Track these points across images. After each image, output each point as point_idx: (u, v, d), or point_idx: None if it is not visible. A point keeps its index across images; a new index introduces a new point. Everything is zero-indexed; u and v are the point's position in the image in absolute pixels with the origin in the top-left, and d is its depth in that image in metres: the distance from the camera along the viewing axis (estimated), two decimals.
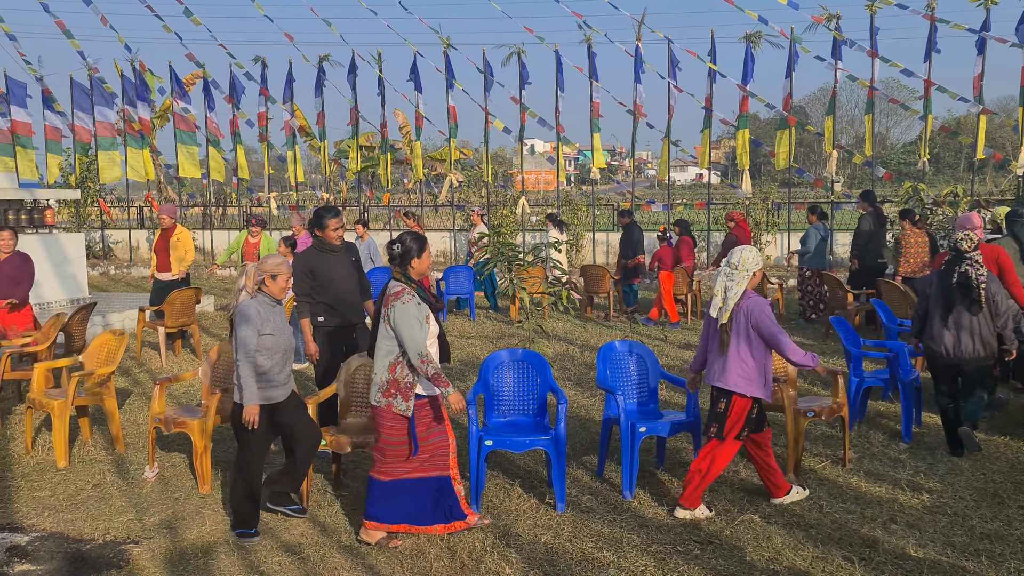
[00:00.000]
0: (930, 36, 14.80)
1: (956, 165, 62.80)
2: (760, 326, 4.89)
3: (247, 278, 4.88)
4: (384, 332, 4.64)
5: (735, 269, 5.01)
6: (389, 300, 4.61)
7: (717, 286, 5.08)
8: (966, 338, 5.98)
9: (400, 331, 4.52)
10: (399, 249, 4.71)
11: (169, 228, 10.26)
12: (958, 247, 6.09)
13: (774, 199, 18.72)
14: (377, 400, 4.65)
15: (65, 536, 4.89)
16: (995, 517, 4.96)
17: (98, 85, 19.27)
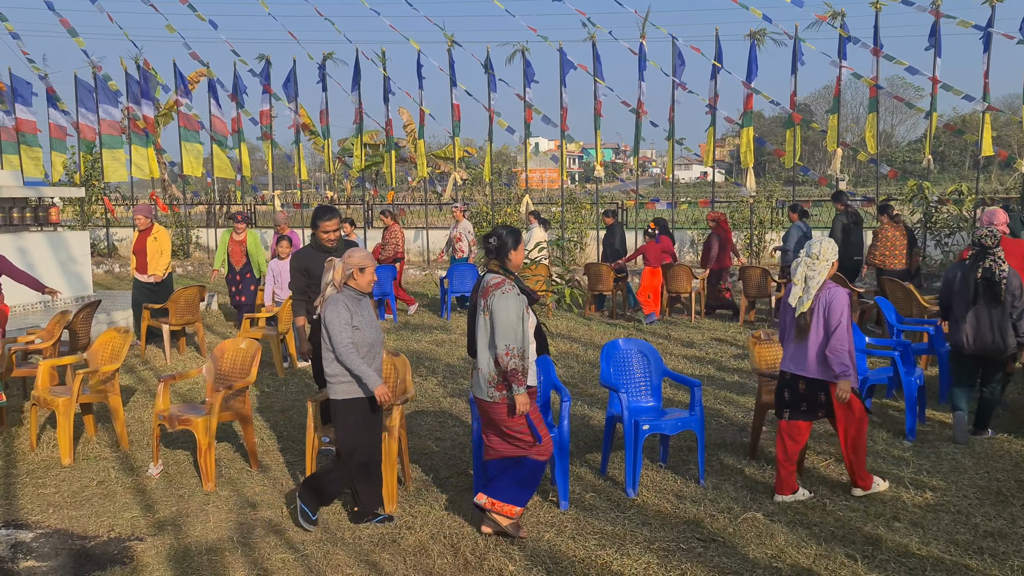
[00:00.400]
0: (935, 33, 14.75)
1: (961, 163, 62.64)
2: (830, 313, 5.00)
3: (335, 272, 4.81)
4: (484, 325, 4.63)
5: (816, 259, 5.11)
6: (488, 291, 4.61)
7: (797, 276, 5.19)
8: (985, 330, 6.18)
9: (496, 323, 4.53)
10: (495, 242, 4.73)
11: (146, 229, 10.08)
12: (982, 243, 6.27)
13: (778, 197, 18.69)
14: (490, 396, 4.64)
15: (70, 533, 4.91)
16: (999, 515, 4.95)
17: (102, 83, 19.30)
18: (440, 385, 8.39)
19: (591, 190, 20.83)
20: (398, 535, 4.79)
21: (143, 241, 10.05)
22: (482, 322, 4.64)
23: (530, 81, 17.55)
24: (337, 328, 4.70)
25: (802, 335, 5.11)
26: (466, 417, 7.17)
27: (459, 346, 10.38)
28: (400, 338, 11.03)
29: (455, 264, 12.92)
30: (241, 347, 6.27)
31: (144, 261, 10.03)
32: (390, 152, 19.66)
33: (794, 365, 5.22)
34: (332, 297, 4.79)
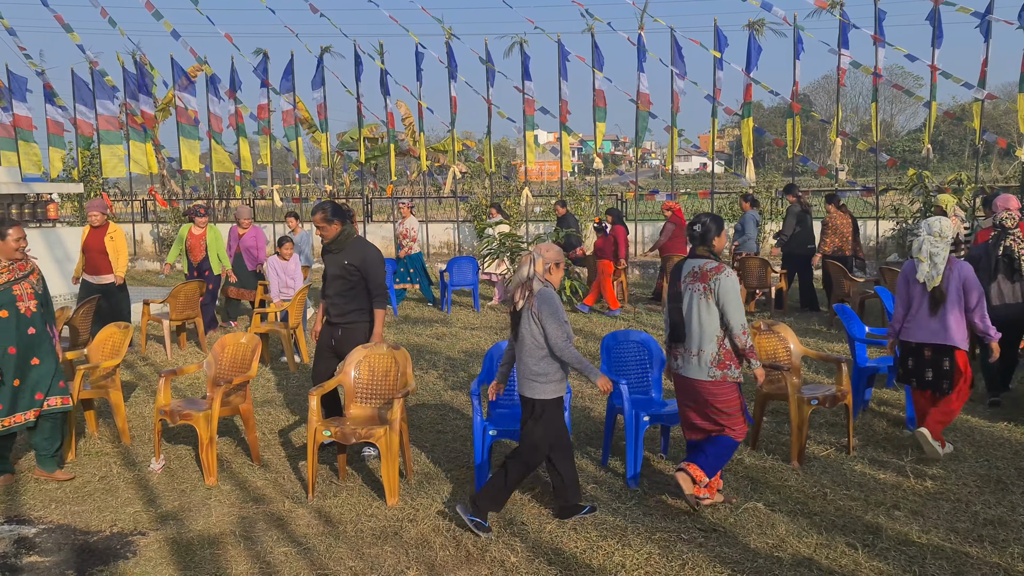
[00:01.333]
0: (935, 21, 14.72)
1: (961, 152, 62.58)
2: (970, 286, 5.58)
3: (535, 266, 4.71)
4: (707, 308, 4.76)
5: (938, 237, 5.61)
6: (708, 276, 4.77)
7: (922, 253, 5.64)
8: (1009, 298, 6.77)
9: (727, 303, 4.72)
10: (700, 229, 4.93)
11: (101, 226, 9.25)
12: (1003, 224, 6.84)
13: (778, 188, 18.67)
14: (712, 375, 4.78)
15: (72, 528, 4.92)
16: (999, 503, 4.97)
17: (99, 78, 19.26)
18: (441, 378, 8.40)
19: (591, 182, 20.81)
20: (400, 527, 4.80)
21: (98, 239, 9.22)
22: (704, 305, 4.78)
23: (528, 74, 17.53)
24: (557, 324, 4.63)
25: (937, 307, 5.62)
26: (467, 410, 7.18)
27: (459, 339, 10.39)
28: (400, 331, 11.03)
29: (455, 257, 12.91)
30: (241, 342, 6.28)
31: (101, 261, 9.19)
32: (391, 145, 19.64)
33: (924, 335, 5.70)
34: (544, 291, 4.70)
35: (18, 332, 5.50)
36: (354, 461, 5.95)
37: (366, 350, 5.88)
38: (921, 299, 5.71)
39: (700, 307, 4.79)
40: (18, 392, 5.52)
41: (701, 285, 4.80)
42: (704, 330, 4.78)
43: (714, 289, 4.73)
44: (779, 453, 5.93)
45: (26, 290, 5.57)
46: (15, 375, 5.49)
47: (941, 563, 4.22)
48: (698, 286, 4.81)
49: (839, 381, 5.98)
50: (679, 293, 4.91)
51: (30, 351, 5.57)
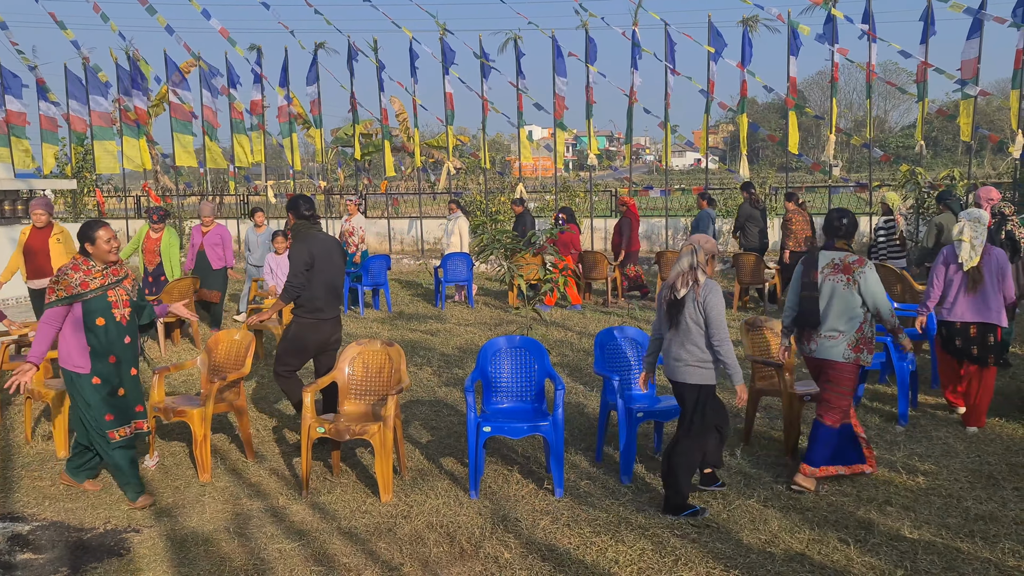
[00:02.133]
0: (927, 17, 14.75)
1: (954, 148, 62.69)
2: (1005, 269, 6.20)
3: (697, 256, 4.86)
4: (849, 296, 5.15)
5: (978, 222, 6.18)
6: (851, 268, 5.17)
7: (964, 235, 6.18)
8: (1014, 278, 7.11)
9: (875, 293, 5.12)
10: (847, 224, 5.34)
11: (45, 227, 8.61)
12: (1002, 212, 7.51)
13: (772, 183, 18.71)
14: (846, 356, 5.16)
15: (66, 525, 4.92)
16: (990, 498, 5.00)
17: (92, 74, 19.19)
18: (435, 374, 8.41)
19: (585, 178, 20.82)
20: (394, 524, 4.82)
21: (42, 240, 8.58)
22: (847, 294, 5.16)
23: (522, 70, 17.52)
24: (721, 315, 4.79)
25: (975, 287, 6.17)
26: (461, 406, 7.19)
27: (454, 335, 10.39)
28: (394, 328, 11.03)
29: (449, 253, 12.90)
30: (235, 338, 6.28)
31: (46, 264, 8.56)
32: (385, 141, 19.61)
33: (970, 314, 6.22)
34: (710, 282, 4.87)
35: (118, 340, 5.12)
36: (348, 457, 5.96)
37: (360, 347, 5.89)
38: (961, 282, 6.24)
39: (843, 296, 5.16)
40: (125, 402, 5.20)
41: (844, 276, 5.18)
42: (845, 317, 5.16)
43: (859, 280, 5.13)
44: (772, 449, 5.96)
45: (121, 296, 5.14)
46: (120, 384, 5.16)
47: (932, 558, 4.25)
48: (841, 277, 5.19)
49: None
50: (815, 283, 5.25)
51: (128, 362, 5.20)
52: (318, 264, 5.99)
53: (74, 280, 4.99)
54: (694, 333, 4.81)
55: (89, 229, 5.11)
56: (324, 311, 6.08)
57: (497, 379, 5.73)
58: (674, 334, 4.91)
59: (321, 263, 6.02)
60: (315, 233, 6.16)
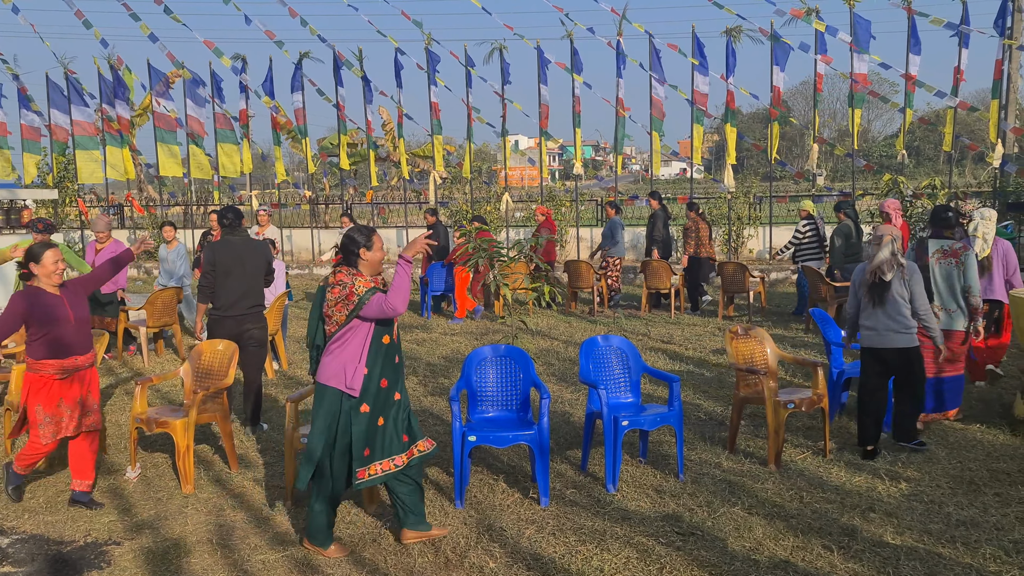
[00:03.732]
0: (910, 29, 14.93)
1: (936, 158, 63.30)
2: (1011, 260, 7.34)
3: (896, 245, 5.82)
4: (957, 276, 6.41)
5: (989, 220, 7.34)
6: (958, 253, 6.42)
7: (978, 231, 7.32)
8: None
9: (973, 276, 6.38)
10: (953, 216, 6.57)
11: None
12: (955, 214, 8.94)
13: (756, 192, 18.82)
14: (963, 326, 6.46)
15: (46, 538, 4.87)
16: (971, 504, 5.03)
17: (74, 84, 19.10)
18: (421, 384, 8.39)
19: (571, 187, 20.88)
20: (379, 534, 4.79)
21: None
22: (956, 275, 6.43)
23: (508, 79, 17.58)
24: (923, 289, 5.89)
25: (984, 272, 7.20)
26: (446, 415, 7.17)
27: (439, 345, 10.38)
28: None
29: (435, 263, 12.89)
30: (219, 348, 6.24)
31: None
32: (370, 151, 19.60)
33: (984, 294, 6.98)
34: (912, 264, 5.90)
35: (392, 361, 4.57)
36: None
37: None
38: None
39: (953, 276, 6.40)
40: (383, 433, 4.50)
41: (953, 260, 6.43)
42: (955, 293, 6.42)
43: (964, 262, 6.37)
44: (756, 456, 5.98)
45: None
46: (380, 412, 4.49)
47: (915, 564, 4.27)
48: (951, 260, 6.44)
49: (815, 385, 6.03)
50: (927, 265, 6.47)
51: (395, 384, 4.57)
52: (221, 268, 6.73)
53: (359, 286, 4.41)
54: (901, 305, 5.83)
55: (40, 249, 5.19)
56: (227, 309, 6.75)
57: (482, 388, 5.73)
58: (880, 309, 5.88)
59: (227, 267, 6.74)
60: (228, 239, 6.94)
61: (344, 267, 4.50)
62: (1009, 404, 6.84)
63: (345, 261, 4.51)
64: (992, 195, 16.16)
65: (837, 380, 6.80)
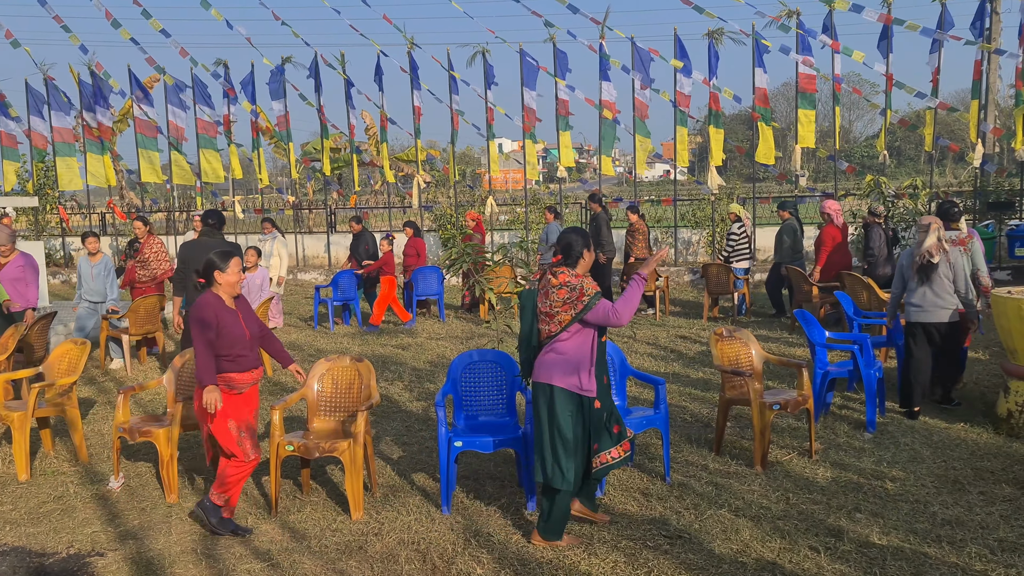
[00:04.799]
0: (887, 33, 15.05)
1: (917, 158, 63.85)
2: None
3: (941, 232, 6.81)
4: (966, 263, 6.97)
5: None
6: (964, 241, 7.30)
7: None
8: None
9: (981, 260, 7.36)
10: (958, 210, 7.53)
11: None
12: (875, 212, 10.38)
13: (739, 194, 18.90)
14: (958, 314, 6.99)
15: (27, 550, 4.80)
16: (956, 503, 5.06)
17: (54, 90, 18.93)
18: (406, 389, 8.36)
19: (555, 190, 20.90)
20: (365, 542, 4.76)
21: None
22: (965, 261, 6.90)
23: (491, 83, 17.56)
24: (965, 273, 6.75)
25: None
26: (432, 421, 7.14)
27: (425, 350, 10.35)
28: (365, 343, 10.96)
29: (419, 268, 12.85)
30: None
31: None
32: (353, 156, 19.53)
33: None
34: (955, 250, 6.79)
35: (604, 356, 4.71)
36: (318, 475, 5.89)
37: (329, 363, 5.84)
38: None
39: (964, 263, 6.82)
40: (609, 423, 4.66)
41: (961, 247, 7.03)
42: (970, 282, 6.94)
43: (971, 249, 7.19)
44: (742, 458, 5.99)
45: None
46: (606, 407, 4.64)
47: (901, 564, 4.29)
48: (959, 248, 6.95)
49: (800, 386, 6.05)
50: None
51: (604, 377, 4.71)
52: (191, 265, 7.09)
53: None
54: (946, 284, 6.71)
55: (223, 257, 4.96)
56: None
57: (468, 393, 5.71)
58: (927, 288, 6.76)
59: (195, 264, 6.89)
60: (201, 239, 7.52)
61: (565, 268, 4.54)
62: (992, 403, 6.89)
63: (566, 262, 4.55)
64: (973, 195, 16.30)
65: (822, 381, 6.83)
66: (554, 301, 4.46)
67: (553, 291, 4.48)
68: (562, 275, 4.50)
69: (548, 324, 4.51)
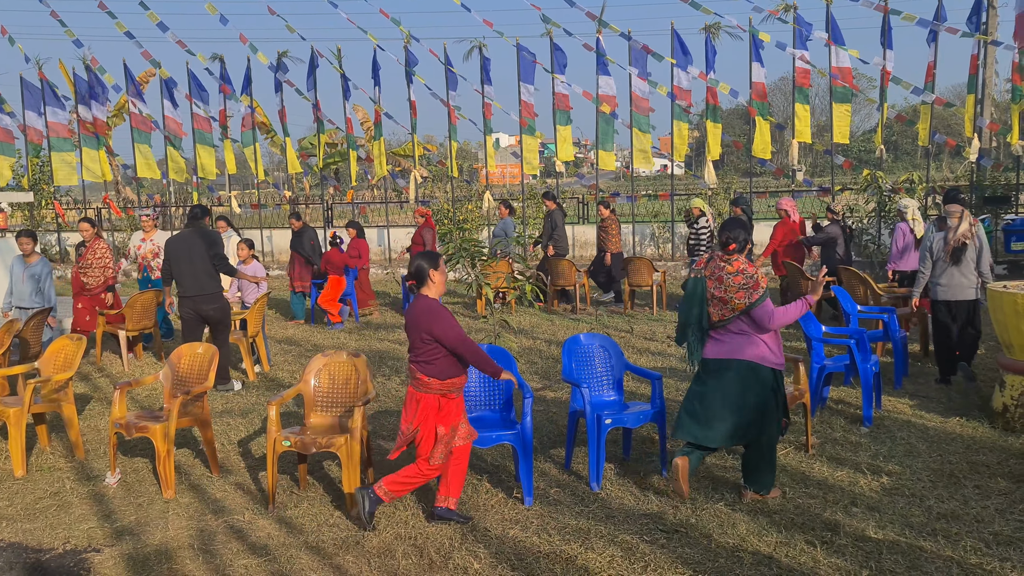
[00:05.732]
0: (885, 26, 15.04)
1: (914, 152, 63.88)
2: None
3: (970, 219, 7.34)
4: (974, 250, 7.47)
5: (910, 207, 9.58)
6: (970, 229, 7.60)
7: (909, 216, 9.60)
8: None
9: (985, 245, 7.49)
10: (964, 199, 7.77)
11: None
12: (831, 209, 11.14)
13: (736, 189, 18.89)
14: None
15: (24, 546, 4.79)
16: (951, 497, 5.07)
17: (49, 85, 18.87)
18: (403, 384, 8.35)
19: (552, 185, 20.87)
20: (362, 537, 4.76)
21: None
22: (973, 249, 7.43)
23: (488, 77, 17.54)
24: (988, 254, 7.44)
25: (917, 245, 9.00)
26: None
27: None
28: (362, 338, 10.95)
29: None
30: (198, 352, 6.18)
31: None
32: (349, 151, 19.50)
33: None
34: (981, 233, 7.42)
35: None
36: (315, 471, 5.89)
37: (325, 358, 5.83)
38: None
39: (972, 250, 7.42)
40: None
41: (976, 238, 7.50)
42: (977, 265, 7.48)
43: (976, 235, 7.44)
44: (739, 452, 5.99)
45: None
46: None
47: (896, 558, 4.30)
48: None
49: (797, 380, 6.06)
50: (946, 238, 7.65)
51: None
52: (172, 256, 7.92)
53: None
54: (972, 265, 7.39)
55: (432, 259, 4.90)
56: (183, 291, 7.94)
57: (465, 388, 5.69)
58: (956, 268, 7.40)
59: (177, 255, 7.90)
60: (183, 232, 8.09)
61: (739, 256, 4.97)
62: (988, 397, 6.91)
63: (740, 250, 4.97)
64: (969, 189, 16.31)
65: (819, 376, 6.83)
66: (729, 286, 4.83)
67: (728, 277, 4.85)
68: (736, 262, 4.90)
69: (721, 309, 4.90)
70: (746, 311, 4.84)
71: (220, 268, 8.07)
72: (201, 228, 8.16)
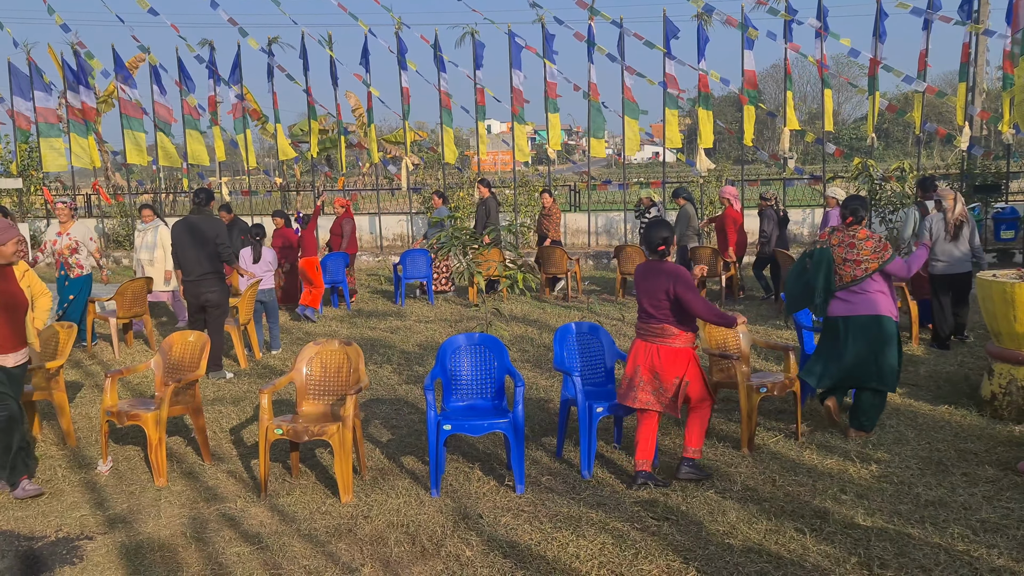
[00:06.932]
0: (878, 14, 15.04)
1: (905, 140, 64.00)
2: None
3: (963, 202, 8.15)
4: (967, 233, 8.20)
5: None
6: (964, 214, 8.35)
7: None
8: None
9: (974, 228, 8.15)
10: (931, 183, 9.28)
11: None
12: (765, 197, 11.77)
13: (728, 176, 18.91)
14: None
15: (16, 534, 4.80)
16: (939, 484, 5.12)
17: (36, 71, 18.70)
18: (395, 372, 8.36)
19: (543, 172, 20.84)
20: (354, 524, 4.78)
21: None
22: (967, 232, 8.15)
23: (480, 63, 17.47)
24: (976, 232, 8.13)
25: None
26: (421, 404, 7.16)
27: (414, 333, 10.35)
28: (354, 325, 10.95)
29: (409, 250, 12.81)
30: (190, 340, 6.17)
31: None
32: (340, 137, 19.42)
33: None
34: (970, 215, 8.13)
35: None
36: (307, 458, 5.90)
37: (317, 346, 5.83)
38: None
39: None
40: None
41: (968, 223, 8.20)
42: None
43: (969, 220, 8.14)
44: (729, 440, 6.04)
45: None
46: None
47: (885, 544, 4.34)
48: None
49: (787, 369, 6.09)
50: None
51: None
52: (177, 241, 8.15)
53: None
54: (967, 241, 8.09)
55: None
56: (187, 275, 8.16)
57: (457, 377, 5.72)
58: (954, 245, 8.09)
59: (181, 240, 8.12)
60: (187, 218, 8.25)
61: (857, 226, 5.94)
62: (976, 385, 6.96)
63: (856, 221, 5.95)
64: (960, 177, 16.38)
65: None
66: (862, 250, 5.82)
67: (860, 243, 5.84)
68: (862, 231, 5.89)
69: (854, 270, 5.84)
70: (880, 268, 5.77)
71: (223, 255, 8.22)
72: (206, 214, 8.34)
